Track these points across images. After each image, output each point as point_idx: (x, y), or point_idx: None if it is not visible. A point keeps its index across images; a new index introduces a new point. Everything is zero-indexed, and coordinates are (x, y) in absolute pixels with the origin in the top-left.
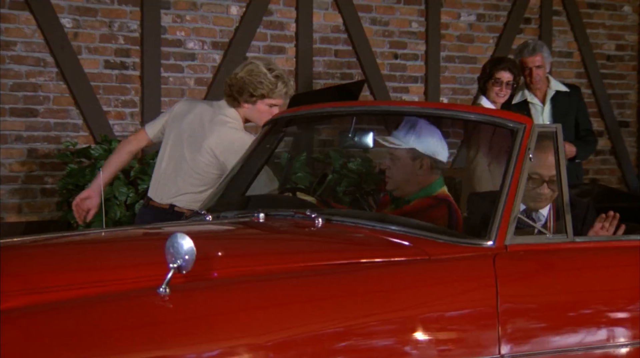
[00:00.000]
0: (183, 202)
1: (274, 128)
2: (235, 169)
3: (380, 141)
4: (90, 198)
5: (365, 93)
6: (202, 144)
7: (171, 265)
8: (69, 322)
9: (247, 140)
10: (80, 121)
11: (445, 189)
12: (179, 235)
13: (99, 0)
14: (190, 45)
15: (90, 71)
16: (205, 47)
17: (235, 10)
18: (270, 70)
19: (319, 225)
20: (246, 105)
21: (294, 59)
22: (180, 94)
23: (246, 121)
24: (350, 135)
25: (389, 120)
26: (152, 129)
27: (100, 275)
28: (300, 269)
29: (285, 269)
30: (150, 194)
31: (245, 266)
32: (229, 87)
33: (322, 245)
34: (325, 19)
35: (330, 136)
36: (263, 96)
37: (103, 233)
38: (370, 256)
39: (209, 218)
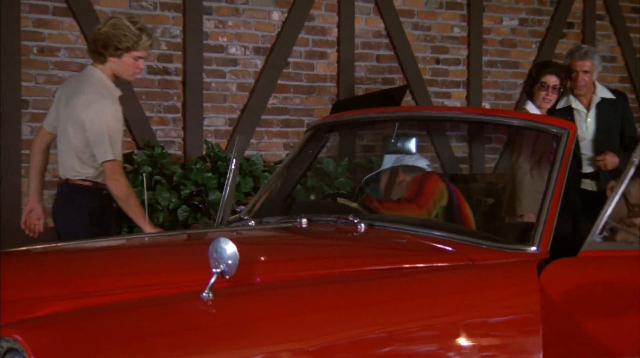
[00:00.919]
0: (72, 174)
1: (316, 134)
2: (278, 175)
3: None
4: (33, 210)
5: (407, 98)
6: (74, 117)
7: (214, 270)
8: (111, 326)
9: (106, 107)
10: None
11: None
12: (222, 239)
13: (141, 6)
14: (232, 50)
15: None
16: (247, 52)
17: (277, 16)
18: (133, 23)
19: (362, 231)
20: (112, 59)
21: (336, 65)
22: (222, 100)
23: (115, 77)
24: (392, 140)
25: (432, 125)
26: (45, 122)
27: (143, 280)
28: (343, 274)
29: (327, 274)
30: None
31: (288, 272)
32: (93, 43)
33: (365, 251)
34: (367, 24)
35: (372, 142)
36: (128, 49)
37: (146, 238)
38: (413, 262)
39: (252, 223)
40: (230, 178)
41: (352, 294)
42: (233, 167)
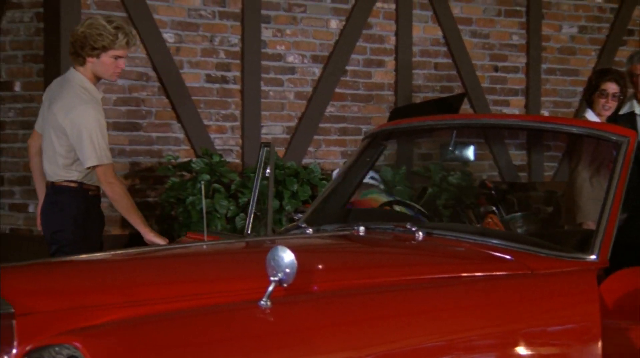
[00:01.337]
0: (56, 178)
1: (374, 141)
2: (335, 182)
3: None
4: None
5: (465, 106)
6: (55, 123)
7: (272, 278)
8: (170, 334)
9: (86, 112)
10: (181, 135)
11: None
12: (280, 248)
13: (200, 15)
14: (290, 59)
15: (192, 85)
16: (305, 61)
17: (335, 24)
18: (109, 22)
19: (420, 239)
20: (90, 59)
21: (394, 73)
22: (280, 108)
23: (96, 78)
24: (451, 148)
25: (490, 133)
26: (36, 124)
27: (202, 288)
28: (401, 283)
29: (385, 283)
30: None
31: (346, 280)
32: (72, 45)
33: (423, 259)
34: (425, 32)
35: (430, 150)
36: (105, 48)
37: (204, 246)
38: (471, 271)
39: (310, 231)
40: (255, 189)
41: (410, 303)
42: (259, 177)
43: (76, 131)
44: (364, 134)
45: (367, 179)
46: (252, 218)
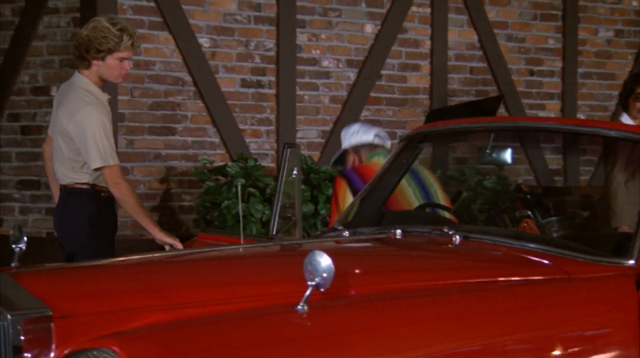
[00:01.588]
0: (67, 181)
1: (409, 144)
2: (372, 185)
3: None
4: None
5: (501, 110)
6: (60, 127)
7: (309, 283)
8: (207, 338)
9: (90, 114)
10: (217, 139)
11: (369, 161)
12: (317, 252)
13: (236, 19)
14: (325, 63)
15: (227, 89)
16: (340, 65)
17: (370, 29)
18: (113, 24)
19: (457, 242)
20: (96, 62)
21: (429, 77)
22: (315, 112)
23: (102, 81)
24: (488, 151)
25: (526, 136)
26: (49, 129)
27: (239, 291)
28: (438, 287)
29: (422, 287)
30: None
31: (383, 284)
32: (76, 49)
33: (460, 263)
34: (461, 36)
35: (465, 153)
36: (110, 50)
37: (241, 249)
38: (508, 275)
39: (346, 233)
40: (280, 191)
41: (447, 307)
42: (282, 179)
43: (81, 133)
44: (399, 137)
45: (371, 138)
46: (276, 219)
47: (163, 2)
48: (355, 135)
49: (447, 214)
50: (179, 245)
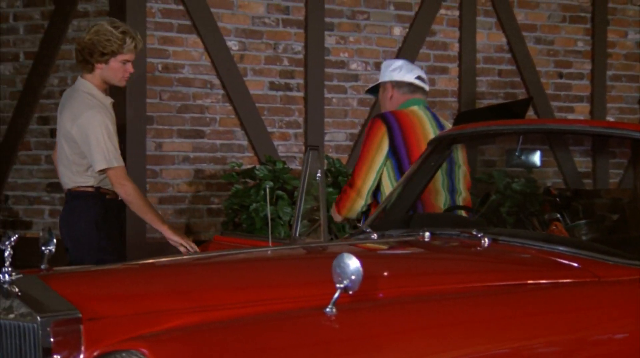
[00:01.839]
0: (72, 184)
1: (438, 146)
2: (400, 187)
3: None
4: None
5: (530, 113)
6: (64, 131)
7: (338, 285)
8: (235, 340)
9: (92, 117)
10: (245, 142)
11: (413, 107)
12: (345, 255)
13: (264, 22)
14: (354, 66)
15: (256, 92)
16: (369, 68)
17: (398, 31)
18: (115, 27)
19: (486, 245)
20: (99, 65)
21: (457, 79)
22: (343, 115)
23: (105, 84)
24: (516, 154)
25: (554, 139)
26: (56, 136)
27: (266, 293)
28: (466, 290)
29: (451, 289)
30: None
31: (412, 287)
32: (79, 53)
33: (488, 266)
34: (489, 38)
35: (493, 156)
36: (114, 53)
37: (269, 252)
38: (537, 278)
39: (375, 236)
40: (302, 193)
41: (476, 310)
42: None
43: (84, 136)
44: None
45: (413, 79)
46: (299, 221)
47: (192, 5)
48: (398, 71)
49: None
50: (192, 246)
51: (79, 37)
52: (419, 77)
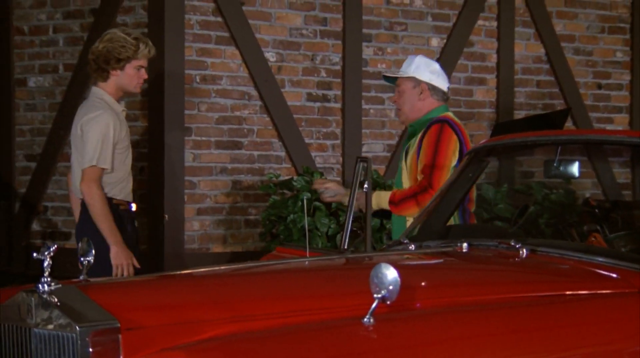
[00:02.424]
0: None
1: (475, 157)
2: (438, 198)
3: (388, 74)
4: None
5: (568, 124)
6: (74, 138)
7: (376, 295)
8: (275, 350)
9: (100, 116)
10: (283, 153)
11: (449, 113)
12: (383, 265)
13: (302, 34)
14: None
15: (293, 103)
16: None
17: (436, 42)
18: (128, 34)
19: (524, 256)
20: (115, 72)
21: (495, 90)
22: (380, 126)
23: (119, 92)
24: (554, 165)
25: (593, 150)
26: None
27: (305, 304)
28: (505, 300)
29: (489, 300)
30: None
31: (449, 297)
32: (94, 62)
33: (527, 276)
34: (527, 49)
35: (532, 167)
36: (129, 58)
37: (306, 262)
38: (576, 289)
39: (412, 247)
40: (351, 204)
41: (513, 321)
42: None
43: (84, 134)
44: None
45: (446, 89)
46: (348, 234)
47: (230, 17)
48: (437, 76)
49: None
50: (131, 271)
51: (91, 47)
52: (448, 89)
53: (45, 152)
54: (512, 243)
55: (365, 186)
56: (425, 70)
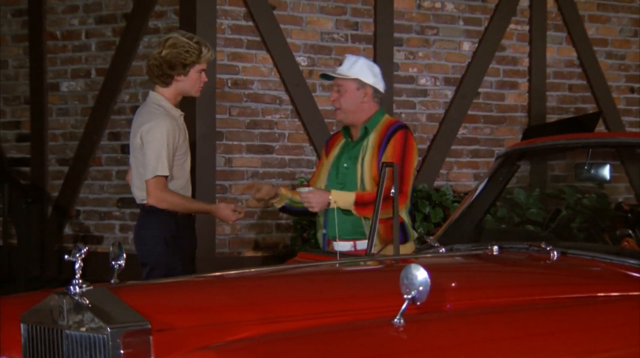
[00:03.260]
0: (142, 199)
1: (506, 161)
2: (468, 202)
3: (330, 73)
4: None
5: (600, 127)
6: (132, 145)
7: (406, 296)
8: (306, 351)
9: (157, 125)
10: (314, 158)
11: (387, 116)
12: (413, 266)
13: (333, 38)
14: (422, 81)
15: (324, 108)
16: (438, 83)
17: (467, 46)
18: (189, 38)
19: (555, 258)
20: (179, 78)
21: (527, 94)
22: (412, 130)
23: (178, 97)
24: (586, 168)
25: (625, 153)
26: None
27: (335, 305)
28: (535, 302)
29: (519, 302)
30: None
31: (479, 299)
32: (157, 68)
33: (558, 279)
34: (559, 53)
35: (563, 171)
36: (194, 63)
37: (337, 265)
38: (607, 291)
39: (443, 250)
40: (377, 209)
41: (543, 322)
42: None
43: (145, 143)
44: (496, 155)
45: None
46: (374, 238)
47: (261, 21)
48: (379, 81)
49: None
50: (235, 213)
51: (152, 52)
52: (385, 90)
53: (77, 156)
54: (543, 246)
55: (392, 191)
56: (369, 73)
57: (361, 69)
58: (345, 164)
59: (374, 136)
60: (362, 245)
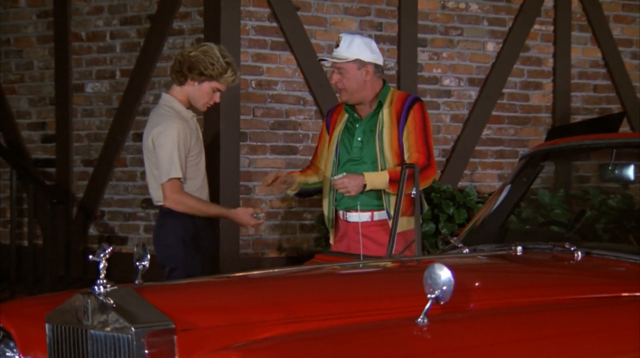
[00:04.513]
0: (162, 201)
1: (531, 161)
2: (492, 202)
3: (328, 58)
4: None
5: (625, 128)
6: (145, 146)
7: (429, 296)
8: (328, 350)
9: (168, 127)
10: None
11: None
12: (437, 265)
13: None
14: (447, 82)
15: None
16: (462, 83)
17: (491, 47)
18: (223, 56)
19: (579, 258)
20: (192, 83)
21: (551, 95)
22: (436, 131)
23: (188, 102)
24: (610, 168)
25: None
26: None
27: (358, 305)
28: (559, 302)
29: (543, 302)
30: None
31: (503, 299)
32: (178, 64)
33: (582, 279)
34: (584, 53)
35: (588, 172)
36: (211, 77)
37: (360, 266)
38: (632, 290)
39: (466, 250)
40: (397, 210)
41: (568, 322)
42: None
43: (156, 146)
44: (521, 156)
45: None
46: (395, 239)
47: (285, 22)
48: (378, 56)
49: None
50: (254, 219)
51: (185, 49)
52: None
53: (102, 157)
54: (567, 246)
55: (413, 192)
56: (367, 50)
57: (359, 48)
58: (359, 138)
59: (388, 109)
60: (379, 215)
